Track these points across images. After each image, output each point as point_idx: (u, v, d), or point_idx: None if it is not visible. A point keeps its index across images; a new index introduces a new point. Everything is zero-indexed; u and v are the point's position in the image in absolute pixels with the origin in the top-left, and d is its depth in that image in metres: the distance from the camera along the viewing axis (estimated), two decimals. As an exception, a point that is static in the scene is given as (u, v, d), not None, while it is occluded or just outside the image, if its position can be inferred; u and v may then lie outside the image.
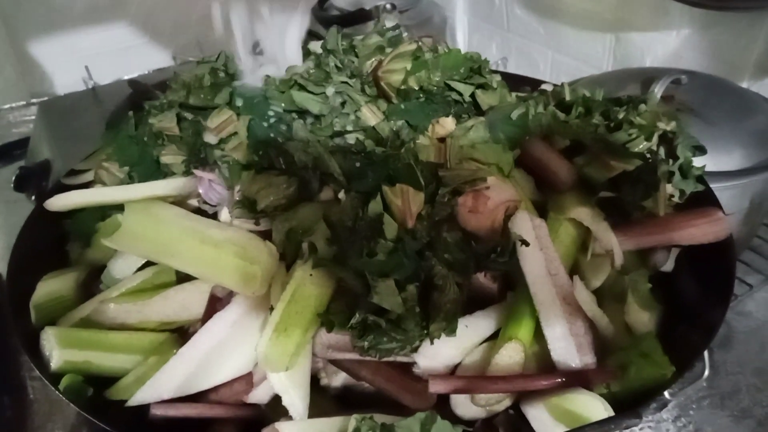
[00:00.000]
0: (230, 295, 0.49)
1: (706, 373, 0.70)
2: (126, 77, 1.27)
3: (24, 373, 0.78)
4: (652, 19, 0.97)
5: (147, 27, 1.29)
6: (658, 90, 0.69)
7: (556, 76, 1.16)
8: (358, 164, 0.49)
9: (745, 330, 0.76)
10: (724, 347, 0.75)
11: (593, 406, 0.41)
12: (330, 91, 0.53)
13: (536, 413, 0.44)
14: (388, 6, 1.18)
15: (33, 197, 1.05)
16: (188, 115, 0.55)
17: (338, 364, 0.48)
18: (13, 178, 1.05)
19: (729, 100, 0.75)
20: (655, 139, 0.54)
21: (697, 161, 0.56)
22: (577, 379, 0.44)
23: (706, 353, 0.70)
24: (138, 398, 0.47)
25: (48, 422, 0.64)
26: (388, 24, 1.19)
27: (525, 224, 0.47)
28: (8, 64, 1.27)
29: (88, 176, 0.67)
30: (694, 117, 0.71)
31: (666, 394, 0.69)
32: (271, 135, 0.52)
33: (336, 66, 0.55)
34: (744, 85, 0.86)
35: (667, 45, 0.96)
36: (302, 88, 0.53)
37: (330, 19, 1.19)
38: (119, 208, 0.58)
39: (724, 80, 0.80)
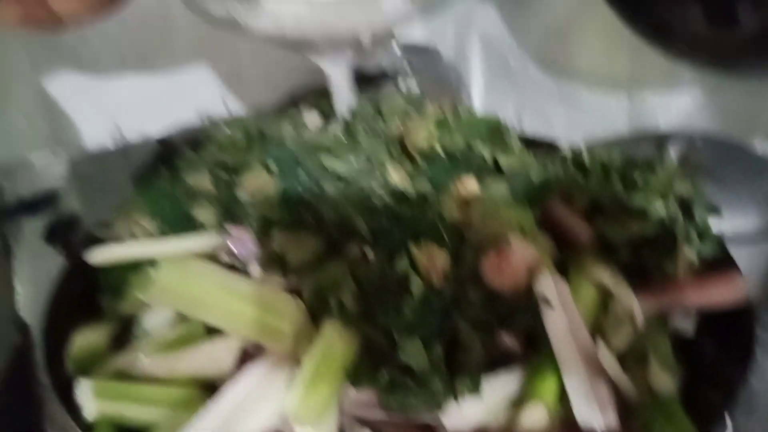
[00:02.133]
0: (259, 350, 0.51)
1: (730, 436, 0.70)
2: (152, 132, 1.31)
3: (45, 425, 0.78)
4: (665, 80, 1.00)
5: (173, 82, 1.34)
6: (673, 152, 0.71)
7: (571, 133, 1.19)
8: (384, 223, 0.50)
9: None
10: (747, 411, 0.74)
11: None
12: (358, 153, 0.55)
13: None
14: (406, 67, 1.22)
15: (61, 249, 1.08)
16: (222, 173, 0.58)
17: (364, 421, 0.49)
18: (44, 231, 1.08)
19: (743, 162, 0.77)
20: (672, 201, 0.55)
21: (714, 224, 0.58)
22: (601, 440, 0.45)
23: (728, 418, 0.70)
24: (167, 451, 0.48)
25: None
26: (404, 85, 1.23)
27: (548, 284, 0.48)
28: (39, 115, 1.31)
29: (119, 228, 0.69)
30: (709, 179, 0.72)
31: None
32: (302, 194, 0.54)
33: (363, 130, 0.58)
34: (757, 147, 0.88)
35: (681, 106, 0.99)
36: (331, 151, 0.56)
37: (364, 76, 1.23)
38: (151, 261, 0.60)
39: (737, 142, 0.82)
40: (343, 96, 0.63)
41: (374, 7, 0.57)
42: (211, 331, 0.54)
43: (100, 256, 0.59)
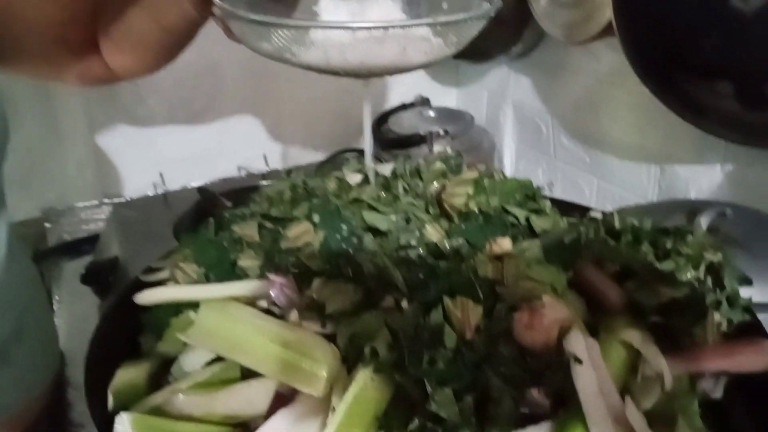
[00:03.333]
0: (294, 393, 0.52)
1: None
2: (193, 184, 1.36)
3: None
4: (696, 153, 1.02)
5: (217, 138, 1.40)
6: (704, 222, 0.72)
7: (602, 203, 1.21)
8: (421, 275, 0.53)
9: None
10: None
11: None
12: (397, 210, 0.58)
13: None
14: (441, 132, 1.27)
15: (98, 290, 1.12)
16: (268, 224, 0.61)
17: (394, 468, 0.49)
18: (83, 271, 1.12)
19: (773, 234, 0.78)
20: (702, 268, 0.57)
21: (744, 292, 0.58)
22: (629, 501, 0.45)
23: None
24: (201, 489, 0.49)
25: None
26: (439, 148, 1.27)
27: (578, 343, 0.49)
28: (88, 166, 1.37)
29: (164, 274, 0.72)
30: (739, 249, 0.73)
31: None
32: (343, 246, 0.57)
33: (403, 188, 0.61)
34: (788, 221, 0.89)
35: (712, 178, 1.01)
36: (372, 208, 0.59)
37: (387, 141, 1.28)
38: (192, 305, 0.62)
39: (767, 214, 0.83)
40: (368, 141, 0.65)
41: (410, 44, 0.60)
42: (248, 374, 0.56)
43: (147, 297, 0.62)
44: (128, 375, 0.58)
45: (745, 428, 0.52)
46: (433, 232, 0.58)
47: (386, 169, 0.65)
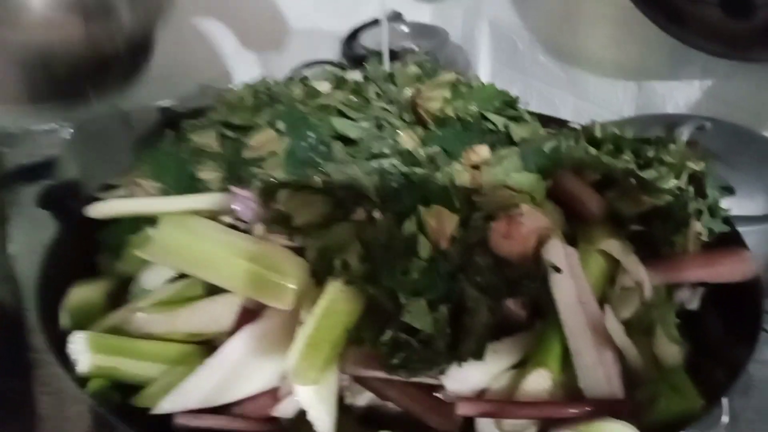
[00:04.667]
0: (261, 308, 0.50)
1: (725, 420, 0.70)
2: (156, 104, 1.29)
3: (35, 388, 0.77)
4: (674, 68, 0.99)
5: (177, 55, 1.32)
6: (684, 134, 0.70)
7: (578, 120, 1.18)
8: (394, 185, 0.50)
9: (765, 378, 0.76)
10: (743, 395, 0.74)
11: (623, 433, 0.41)
12: (369, 116, 0.54)
13: (563, 441, 0.44)
14: (415, 48, 1.21)
15: (56, 215, 1.07)
16: (229, 133, 0.57)
17: (365, 382, 0.48)
18: (38, 196, 1.07)
19: (752, 147, 0.76)
20: (684, 177, 0.55)
21: (723, 203, 0.57)
22: (605, 409, 0.44)
23: (725, 400, 0.69)
24: (163, 406, 0.47)
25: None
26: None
27: (557, 251, 0.48)
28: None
29: (121, 192, 0.68)
30: (718, 162, 0.72)
31: (685, 438, 0.68)
32: (310, 155, 0.53)
33: (376, 93, 0.57)
34: (766, 135, 0.87)
35: (689, 94, 0.98)
36: (342, 114, 0.55)
37: (357, 57, 1.23)
38: (151, 222, 0.59)
39: (746, 129, 0.81)
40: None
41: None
42: (211, 290, 0.53)
43: (100, 210, 0.58)
44: (83, 293, 0.55)
45: (721, 341, 0.51)
46: (408, 140, 0.54)
47: (356, 75, 0.61)
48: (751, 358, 0.47)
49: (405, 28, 1.32)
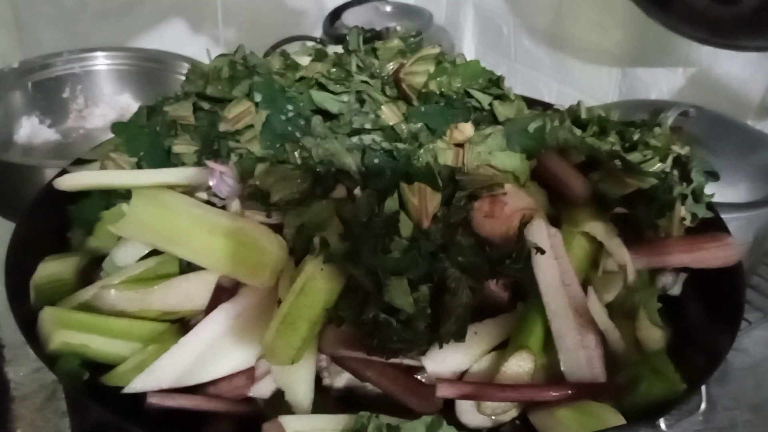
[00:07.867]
0: (237, 286, 0.48)
1: (703, 407, 0.70)
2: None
3: (6, 368, 0.75)
4: (658, 55, 0.99)
5: (154, 35, 1.30)
6: (668, 119, 0.70)
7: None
8: (376, 161, 0.48)
9: (742, 366, 0.76)
10: (721, 382, 0.74)
11: (605, 416, 0.41)
12: (350, 90, 0.53)
13: (544, 424, 0.43)
14: (399, 29, 1.19)
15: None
16: (205, 105, 0.55)
17: (343, 363, 0.47)
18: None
19: (734, 135, 0.76)
20: (669, 161, 0.54)
21: (707, 190, 0.57)
22: (587, 392, 0.44)
23: (703, 387, 0.70)
24: (135, 385, 0.45)
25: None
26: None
27: (541, 232, 0.47)
28: (15, 58, 1.26)
29: (94, 166, 0.66)
30: (701, 149, 0.71)
31: (662, 425, 0.69)
32: (289, 129, 0.52)
33: (357, 66, 0.55)
34: (749, 123, 0.88)
35: (673, 81, 0.98)
36: (322, 87, 0.53)
37: (340, 37, 1.20)
38: (124, 197, 0.57)
39: (729, 117, 0.81)
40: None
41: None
42: (186, 268, 0.52)
43: (70, 182, 0.56)
44: (52, 269, 0.53)
45: (703, 327, 0.51)
46: (390, 115, 0.53)
47: (338, 50, 0.59)
48: (732, 345, 0.47)
49: (388, 8, 1.30)
